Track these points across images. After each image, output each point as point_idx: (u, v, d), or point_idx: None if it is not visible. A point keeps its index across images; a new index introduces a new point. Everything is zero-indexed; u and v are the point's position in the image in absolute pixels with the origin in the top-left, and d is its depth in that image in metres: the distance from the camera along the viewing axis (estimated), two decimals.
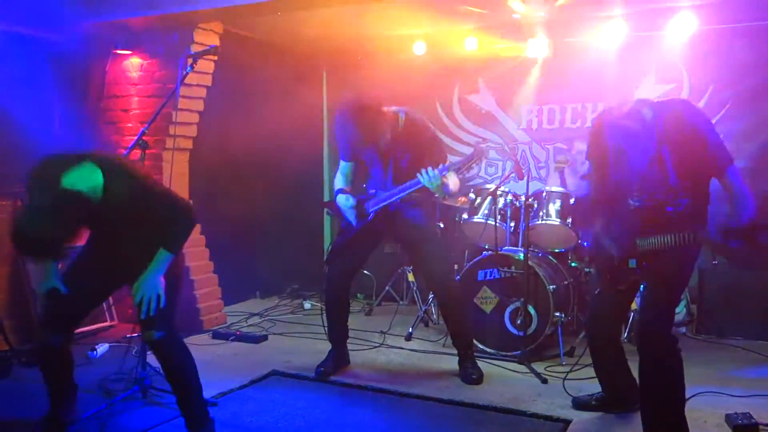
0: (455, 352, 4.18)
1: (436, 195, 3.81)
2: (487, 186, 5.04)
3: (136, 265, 2.91)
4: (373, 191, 3.98)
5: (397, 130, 3.83)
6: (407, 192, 3.81)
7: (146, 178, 2.99)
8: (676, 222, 2.83)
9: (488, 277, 4.51)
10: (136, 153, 3.64)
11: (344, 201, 3.98)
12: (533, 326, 4.36)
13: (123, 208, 2.84)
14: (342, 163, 4.12)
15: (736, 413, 3.30)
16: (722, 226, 2.70)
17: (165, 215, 2.93)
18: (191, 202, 3.03)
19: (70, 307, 3.04)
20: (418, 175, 3.67)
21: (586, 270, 4.85)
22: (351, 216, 3.97)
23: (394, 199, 3.86)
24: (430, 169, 3.66)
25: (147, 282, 2.88)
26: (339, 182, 4.10)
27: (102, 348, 4.48)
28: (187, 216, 2.98)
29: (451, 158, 4.07)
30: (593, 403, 3.53)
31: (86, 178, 2.71)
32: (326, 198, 6.97)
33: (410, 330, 4.96)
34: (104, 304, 4.93)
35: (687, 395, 3.00)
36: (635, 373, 3.11)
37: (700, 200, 2.89)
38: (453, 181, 3.80)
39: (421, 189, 3.76)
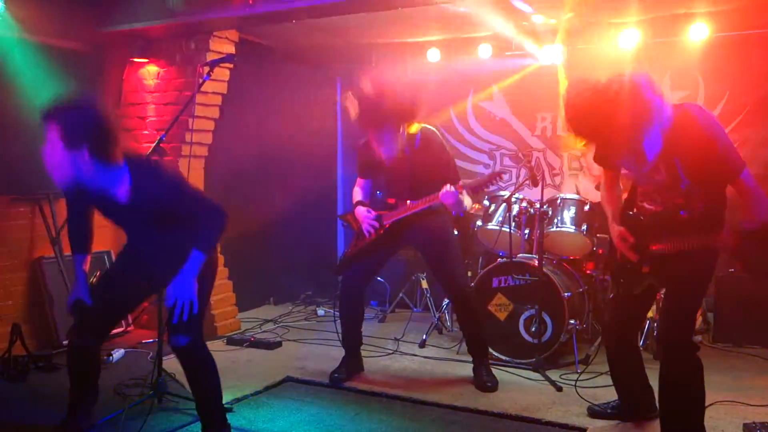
0: (469, 359, 4.18)
1: (453, 212, 3.88)
2: (502, 193, 5.04)
3: (169, 269, 2.88)
4: (391, 204, 4.03)
5: (413, 148, 3.87)
6: (424, 208, 3.88)
7: (177, 177, 3.00)
8: (691, 227, 2.81)
9: (503, 284, 4.50)
10: None
11: (365, 213, 4.02)
12: (548, 334, 4.34)
13: (153, 207, 2.84)
14: (359, 180, 4.19)
15: (754, 422, 3.27)
16: (737, 229, 2.67)
17: (195, 214, 2.90)
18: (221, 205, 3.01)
19: (102, 315, 3.06)
20: (441, 193, 3.73)
21: (601, 278, 4.83)
22: (368, 228, 4.01)
23: (410, 213, 3.93)
24: (449, 186, 3.71)
25: (180, 286, 2.83)
26: (357, 195, 4.17)
27: (118, 353, 4.51)
28: (218, 215, 2.94)
29: (465, 166, 4.10)
30: (609, 411, 3.50)
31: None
32: (340, 204, 6.99)
33: (424, 337, 4.95)
34: None
35: (705, 404, 2.97)
36: (652, 381, 3.08)
37: (716, 205, 2.85)
38: (467, 200, 3.91)
39: (437, 204, 3.83)
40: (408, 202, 3.93)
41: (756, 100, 5.28)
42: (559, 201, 4.73)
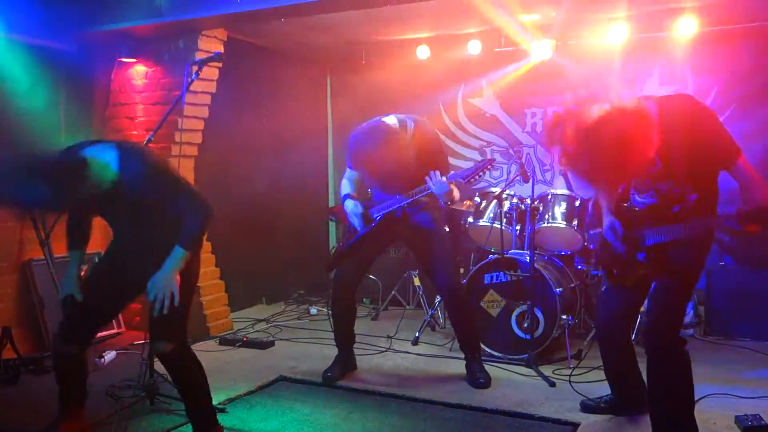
0: (462, 356, 4.18)
1: (441, 201, 3.85)
2: (493, 189, 5.04)
3: (154, 271, 2.83)
4: (380, 198, 3.99)
5: (406, 140, 3.84)
6: (414, 199, 3.85)
7: (164, 164, 2.93)
8: (684, 216, 2.81)
9: (494, 281, 4.50)
10: None
11: (352, 207, 3.99)
12: (540, 329, 4.35)
13: (140, 193, 2.76)
14: (348, 171, 4.14)
15: (746, 415, 3.28)
16: (735, 212, 2.65)
17: (181, 206, 2.83)
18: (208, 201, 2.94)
19: (85, 321, 3.02)
20: (427, 179, 3.71)
21: (593, 272, 4.84)
22: (357, 222, 3.98)
23: (400, 205, 3.90)
24: (438, 174, 3.67)
25: (160, 279, 2.79)
26: (345, 188, 4.11)
27: (109, 355, 4.49)
28: (204, 210, 2.87)
29: (457, 164, 4.08)
30: (602, 405, 3.51)
31: (99, 153, 2.73)
32: (331, 203, 6.99)
33: (417, 334, 4.95)
34: None
35: (696, 397, 2.98)
36: (645, 376, 3.08)
37: (709, 195, 2.85)
38: (457, 191, 3.88)
39: (427, 195, 3.80)
40: (397, 195, 3.90)
41: (744, 95, 5.31)
42: (549, 197, 4.74)
